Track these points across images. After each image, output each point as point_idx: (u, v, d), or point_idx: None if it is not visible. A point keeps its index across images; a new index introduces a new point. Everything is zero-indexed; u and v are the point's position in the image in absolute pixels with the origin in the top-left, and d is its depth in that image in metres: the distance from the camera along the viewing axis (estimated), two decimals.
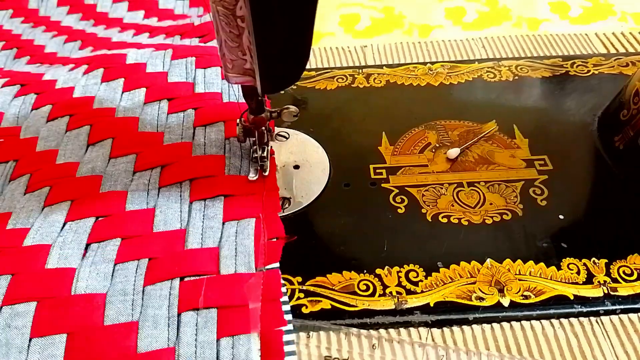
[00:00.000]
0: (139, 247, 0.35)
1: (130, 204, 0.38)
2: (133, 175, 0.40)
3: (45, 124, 0.46)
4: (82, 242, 0.36)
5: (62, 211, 0.38)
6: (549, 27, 0.61)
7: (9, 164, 0.43)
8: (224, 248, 0.35)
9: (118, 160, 0.42)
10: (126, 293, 0.33)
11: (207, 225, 0.37)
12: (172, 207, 0.38)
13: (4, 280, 0.33)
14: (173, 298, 0.32)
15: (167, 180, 0.40)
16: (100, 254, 0.35)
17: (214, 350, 0.30)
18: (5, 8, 0.66)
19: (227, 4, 0.30)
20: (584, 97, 0.50)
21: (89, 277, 0.34)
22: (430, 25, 0.62)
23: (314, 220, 0.41)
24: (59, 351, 0.31)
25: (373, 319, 0.35)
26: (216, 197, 0.38)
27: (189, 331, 0.31)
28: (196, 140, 0.42)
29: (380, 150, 0.46)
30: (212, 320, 0.31)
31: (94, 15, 0.65)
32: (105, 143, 0.43)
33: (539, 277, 0.37)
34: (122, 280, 0.33)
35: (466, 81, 0.52)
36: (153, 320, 0.31)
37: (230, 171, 0.40)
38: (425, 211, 0.41)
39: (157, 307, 0.32)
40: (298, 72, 0.34)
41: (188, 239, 0.36)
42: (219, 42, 0.33)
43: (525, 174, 0.43)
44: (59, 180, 0.41)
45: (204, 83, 0.48)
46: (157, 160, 0.41)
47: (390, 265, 0.37)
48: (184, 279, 0.33)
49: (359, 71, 0.53)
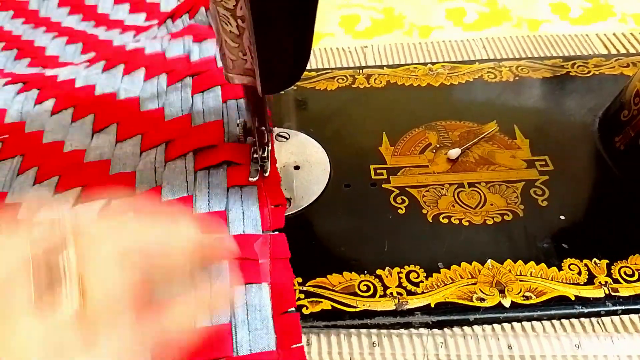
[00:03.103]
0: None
1: (139, 183, 0.40)
2: (140, 156, 0.42)
3: (49, 117, 0.47)
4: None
5: (73, 196, 0.39)
6: (549, 27, 0.61)
7: (15, 159, 0.44)
8: (231, 211, 0.37)
9: (124, 144, 0.43)
10: None
11: (212, 191, 0.38)
12: (178, 178, 0.40)
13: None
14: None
15: (172, 155, 0.41)
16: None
17: (227, 297, 0.32)
18: (6, 9, 0.66)
19: (227, 5, 0.30)
20: (584, 98, 0.49)
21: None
22: (431, 26, 0.62)
23: (314, 221, 0.41)
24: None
25: (373, 320, 0.35)
26: (219, 165, 0.40)
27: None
28: (195, 109, 0.44)
29: (381, 150, 0.45)
30: (225, 270, 0.32)
31: (94, 16, 0.65)
32: (110, 129, 0.44)
33: (540, 278, 0.37)
34: None
35: (467, 82, 0.52)
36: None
37: (230, 139, 0.42)
38: (425, 212, 0.41)
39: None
40: (298, 73, 0.34)
41: (196, 204, 0.38)
42: (219, 42, 0.33)
43: (526, 174, 0.43)
44: (67, 169, 0.41)
45: (199, 53, 0.50)
46: (161, 138, 0.43)
47: (391, 266, 0.37)
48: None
49: (359, 72, 0.53)
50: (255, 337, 0.31)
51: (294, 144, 0.46)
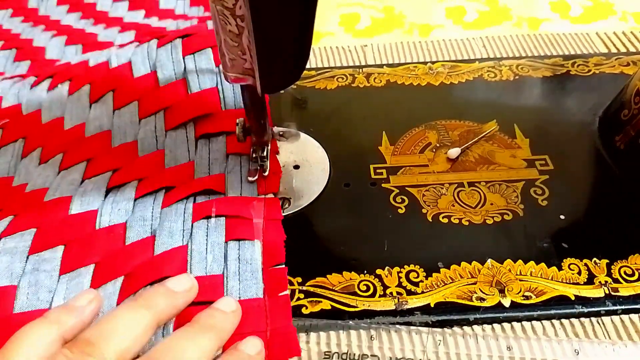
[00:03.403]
0: (153, 182, 0.39)
1: (141, 152, 0.41)
2: (139, 124, 0.43)
3: (46, 95, 0.48)
4: (101, 190, 0.39)
5: (79, 171, 0.41)
6: (549, 26, 0.61)
7: (17, 142, 0.45)
8: (230, 174, 0.39)
9: (122, 112, 0.44)
10: (145, 219, 0.36)
11: (212, 157, 0.40)
12: (179, 146, 0.41)
13: (29, 235, 0.36)
14: (187, 215, 0.36)
15: (171, 123, 0.42)
16: (121, 195, 0.38)
17: (222, 250, 0.34)
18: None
19: (226, 4, 0.30)
20: (584, 97, 0.49)
21: (111, 213, 0.37)
22: (431, 25, 0.62)
23: (314, 221, 0.41)
24: (85, 279, 0.33)
25: (373, 320, 0.35)
26: (219, 133, 0.42)
27: (201, 233, 0.35)
28: (189, 73, 0.45)
29: (381, 150, 0.45)
30: (221, 226, 0.35)
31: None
32: (107, 98, 0.45)
33: (540, 278, 0.37)
34: (141, 209, 0.37)
35: (467, 81, 0.52)
36: (169, 231, 0.35)
37: (226, 105, 0.43)
38: (425, 211, 0.41)
39: (173, 221, 0.36)
40: (298, 72, 0.34)
41: (197, 169, 0.40)
42: (218, 42, 0.33)
43: (526, 174, 0.43)
44: (70, 145, 0.42)
45: (190, 22, 0.52)
46: (158, 104, 0.43)
47: (391, 266, 0.37)
48: (197, 200, 0.37)
49: (359, 71, 0.53)
50: (245, 286, 0.33)
51: (294, 144, 0.46)
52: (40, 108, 0.46)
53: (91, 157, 0.41)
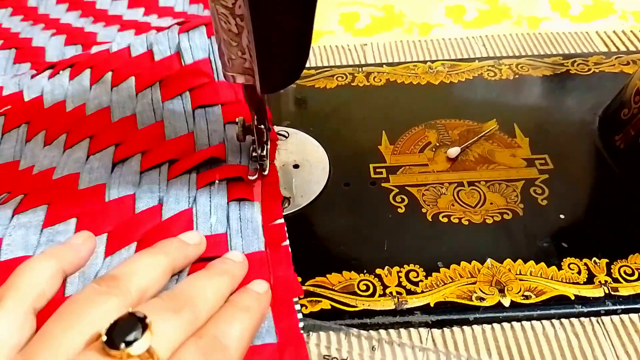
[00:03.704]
0: (158, 155, 0.40)
1: (141, 125, 0.42)
2: (137, 98, 0.44)
3: (47, 81, 0.49)
4: (108, 165, 0.40)
5: (83, 149, 0.42)
6: (549, 25, 0.61)
7: (21, 127, 0.46)
8: (229, 142, 0.41)
9: (120, 88, 0.45)
10: (153, 191, 0.38)
11: (211, 128, 0.42)
12: (178, 118, 0.43)
13: (41, 211, 0.37)
14: (192, 184, 0.38)
15: (168, 95, 0.44)
16: (126, 168, 0.40)
17: (225, 211, 0.37)
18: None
19: (225, 3, 0.30)
20: (584, 96, 0.49)
21: (119, 186, 0.38)
22: (431, 24, 0.61)
23: (314, 220, 0.41)
24: (99, 248, 0.35)
25: (373, 319, 0.35)
26: (215, 105, 0.43)
27: (205, 197, 0.37)
28: (183, 47, 0.46)
29: (380, 149, 0.45)
30: (223, 189, 0.38)
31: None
32: (106, 78, 0.46)
33: (540, 277, 0.37)
34: (147, 183, 0.39)
35: (466, 80, 0.52)
36: (175, 198, 0.37)
37: (219, 76, 0.45)
38: (425, 211, 0.41)
39: (179, 189, 0.38)
40: (297, 71, 0.34)
41: (197, 141, 0.41)
42: (218, 41, 0.33)
43: (526, 173, 0.43)
44: (73, 125, 0.44)
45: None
46: (153, 78, 0.45)
47: (390, 265, 0.37)
48: (200, 171, 0.39)
49: (358, 70, 0.53)
50: (247, 242, 0.35)
51: (293, 143, 0.46)
52: (42, 94, 0.48)
53: (93, 134, 0.42)
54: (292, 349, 0.30)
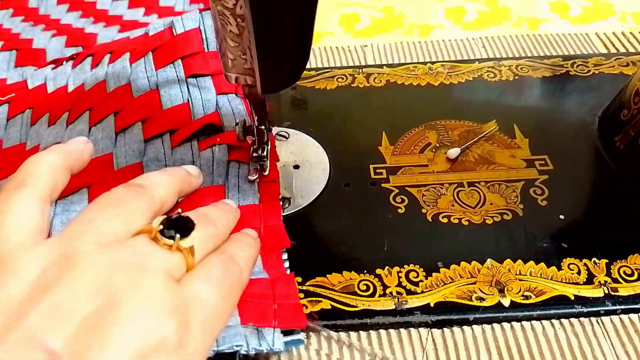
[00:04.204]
0: (158, 125, 0.42)
1: (136, 92, 0.44)
2: (130, 67, 0.45)
3: (50, 70, 0.51)
4: (111, 136, 0.42)
5: (84, 121, 0.43)
6: (549, 26, 0.61)
7: (25, 112, 0.48)
8: (222, 109, 0.43)
9: (115, 63, 0.47)
10: (159, 159, 0.40)
11: (205, 97, 0.44)
12: (172, 86, 0.44)
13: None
14: (195, 149, 0.41)
15: (160, 63, 0.45)
16: (129, 137, 0.42)
17: (225, 167, 0.40)
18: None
19: (226, 4, 0.30)
20: (584, 97, 0.49)
21: (126, 155, 0.41)
22: (431, 25, 0.62)
23: (314, 221, 0.41)
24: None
25: (373, 319, 0.35)
26: (206, 75, 0.45)
27: (208, 153, 0.40)
28: (174, 19, 0.47)
29: (381, 150, 0.45)
30: (224, 149, 0.41)
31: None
32: (105, 59, 0.48)
33: (540, 277, 0.37)
34: (152, 151, 0.41)
35: (466, 81, 0.52)
36: (181, 162, 0.40)
37: (209, 46, 0.46)
38: (425, 211, 0.41)
39: (184, 154, 0.41)
40: (298, 72, 0.34)
41: (193, 110, 0.43)
42: (218, 41, 0.33)
43: (526, 173, 0.43)
44: (73, 102, 0.46)
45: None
46: (146, 48, 0.46)
47: (391, 266, 0.37)
48: (200, 139, 0.41)
49: (359, 71, 0.53)
50: (243, 195, 0.39)
51: (294, 144, 0.46)
52: (45, 82, 0.49)
53: (92, 106, 0.44)
54: (282, 283, 0.35)
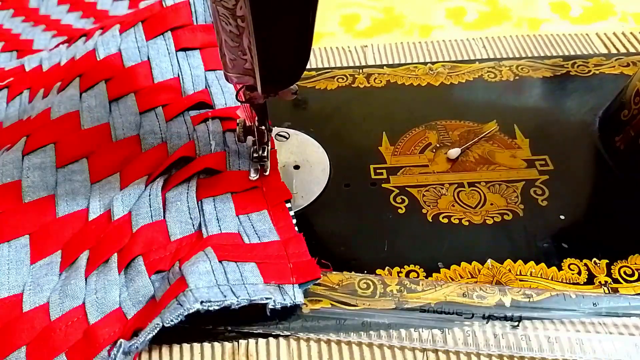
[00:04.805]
0: (150, 100, 0.43)
1: (127, 62, 0.45)
2: (120, 37, 0.46)
3: (47, 53, 0.52)
4: (105, 104, 0.43)
5: (75, 86, 0.44)
6: (549, 27, 0.61)
7: (24, 93, 0.49)
8: (212, 87, 0.45)
9: (105, 34, 0.48)
10: (155, 132, 0.42)
11: (194, 73, 0.45)
12: (163, 60, 0.45)
13: (50, 150, 0.40)
14: (189, 123, 0.43)
15: (150, 34, 0.46)
16: (124, 108, 0.42)
17: (222, 137, 0.41)
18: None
19: (226, 4, 0.30)
20: (584, 97, 0.49)
21: (123, 127, 0.42)
22: (431, 25, 0.62)
23: (314, 221, 0.41)
24: (115, 185, 0.39)
25: (373, 319, 0.35)
26: (195, 49, 0.46)
27: (203, 127, 0.42)
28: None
29: (381, 150, 0.45)
30: (218, 121, 0.42)
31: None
32: (96, 34, 0.49)
33: (540, 278, 0.37)
34: (148, 124, 0.42)
35: (467, 81, 0.52)
36: (177, 136, 0.42)
37: (197, 19, 0.47)
38: (425, 211, 0.41)
39: (179, 127, 0.42)
40: (298, 72, 0.34)
41: (184, 86, 0.44)
42: (219, 42, 0.33)
43: (526, 174, 0.43)
44: (66, 74, 0.46)
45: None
46: (135, 19, 0.47)
47: (391, 266, 0.37)
48: (191, 115, 0.43)
49: (359, 71, 0.53)
50: (243, 162, 0.41)
51: (294, 144, 0.46)
52: (41, 63, 0.51)
53: (82, 73, 0.45)
54: (294, 243, 0.36)
